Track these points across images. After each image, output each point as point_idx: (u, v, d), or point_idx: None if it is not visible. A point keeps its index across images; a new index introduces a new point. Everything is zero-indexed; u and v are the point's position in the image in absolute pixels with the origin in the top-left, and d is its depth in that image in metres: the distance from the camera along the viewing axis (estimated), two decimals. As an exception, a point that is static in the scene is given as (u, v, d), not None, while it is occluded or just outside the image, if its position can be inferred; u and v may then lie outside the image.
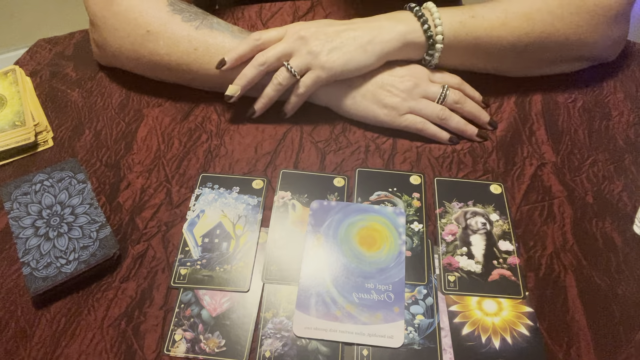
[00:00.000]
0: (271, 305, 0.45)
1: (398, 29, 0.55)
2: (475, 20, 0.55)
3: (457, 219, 0.51)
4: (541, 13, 0.55)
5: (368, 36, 0.54)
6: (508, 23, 0.55)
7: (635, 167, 0.54)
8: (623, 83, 0.62)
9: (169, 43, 0.57)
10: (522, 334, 0.43)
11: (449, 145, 0.57)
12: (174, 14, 0.58)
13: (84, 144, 0.58)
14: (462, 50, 0.56)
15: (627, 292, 0.45)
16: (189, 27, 0.57)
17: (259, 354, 0.43)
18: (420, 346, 0.43)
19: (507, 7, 0.56)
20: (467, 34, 0.55)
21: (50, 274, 0.45)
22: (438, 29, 0.54)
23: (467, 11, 0.56)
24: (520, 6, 0.56)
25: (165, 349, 0.43)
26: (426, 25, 0.54)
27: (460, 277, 0.47)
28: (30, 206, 0.50)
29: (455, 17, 0.55)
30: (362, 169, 0.55)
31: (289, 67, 0.55)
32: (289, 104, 0.58)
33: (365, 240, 0.49)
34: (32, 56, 0.68)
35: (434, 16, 0.55)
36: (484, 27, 0.55)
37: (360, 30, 0.55)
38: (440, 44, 0.55)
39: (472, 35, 0.55)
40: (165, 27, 0.57)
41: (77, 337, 0.44)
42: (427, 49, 0.56)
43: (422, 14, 0.55)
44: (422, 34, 0.55)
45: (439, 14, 0.55)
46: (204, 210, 0.52)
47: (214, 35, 0.57)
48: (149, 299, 0.46)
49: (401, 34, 0.55)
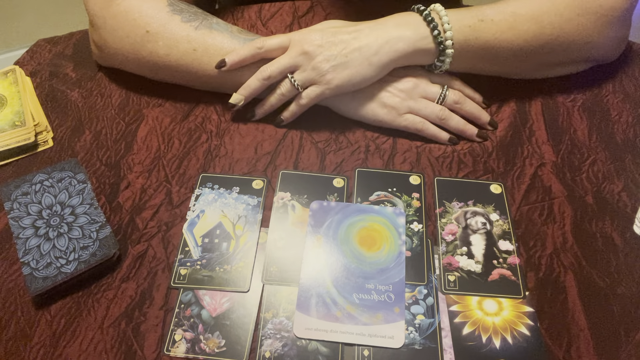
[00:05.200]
0: (271, 305, 0.45)
1: (407, 36, 0.53)
2: (485, 25, 0.54)
3: (457, 218, 0.51)
4: (549, 15, 0.54)
5: (375, 46, 0.53)
6: (517, 27, 0.54)
7: (635, 167, 0.54)
8: (623, 83, 0.62)
9: (168, 43, 0.57)
10: (523, 333, 0.43)
11: (449, 145, 0.57)
12: (173, 15, 0.58)
13: (84, 144, 0.58)
14: (471, 55, 0.55)
15: (627, 292, 0.45)
16: (189, 27, 0.57)
17: (259, 354, 0.43)
18: (421, 346, 0.43)
19: (515, 9, 0.55)
20: (477, 38, 0.54)
21: (50, 274, 0.45)
22: (448, 34, 0.53)
23: (475, 14, 0.55)
24: (528, 8, 0.55)
25: (165, 349, 0.43)
26: (436, 31, 0.53)
27: (460, 276, 0.47)
28: (30, 206, 0.50)
29: (465, 21, 0.54)
30: (362, 169, 0.55)
31: (293, 81, 0.54)
32: (288, 112, 0.57)
33: (365, 241, 0.49)
34: (32, 56, 0.68)
35: (443, 20, 0.53)
36: (493, 32, 0.54)
37: (367, 38, 0.53)
38: (451, 49, 0.54)
39: (481, 39, 0.54)
40: (165, 27, 0.57)
41: (77, 337, 0.44)
42: (438, 55, 0.55)
43: (432, 18, 0.53)
44: (432, 41, 0.53)
45: (447, 17, 0.53)
46: (204, 210, 0.52)
47: (213, 35, 0.57)
48: (149, 299, 0.46)
49: (410, 43, 0.53)
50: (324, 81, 0.54)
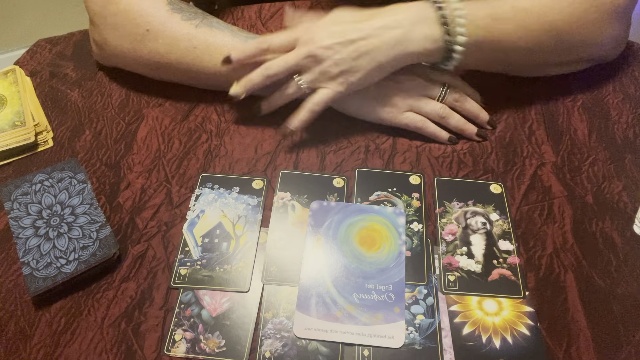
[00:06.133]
0: (271, 305, 0.45)
1: (419, 37, 0.51)
2: (498, 24, 0.52)
3: (457, 218, 0.51)
4: (562, 14, 0.53)
5: (385, 49, 0.51)
6: (528, 26, 0.53)
7: (635, 167, 0.54)
8: (623, 83, 0.62)
9: (168, 42, 0.57)
10: (523, 333, 0.43)
11: (449, 145, 0.57)
12: (173, 13, 0.57)
13: (84, 144, 0.58)
14: (479, 55, 0.54)
15: (627, 292, 0.45)
16: (189, 25, 0.57)
17: (259, 354, 0.43)
18: (421, 346, 0.43)
19: (526, 6, 0.53)
20: (489, 39, 0.53)
21: (50, 274, 0.45)
22: (459, 38, 0.51)
23: (489, 12, 0.52)
24: (539, 7, 0.53)
25: (165, 349, 0.43)
26: (448, 36, 0.51)
27: (460, 276, 0.47)
28: (30, 206, 0.50)
29: (478, 22, 0.52)
30: (362, 169, 0.55)
31: (301, 83, 0.54)
32: (299, 121, 0.55)
33: (365, 241, 0.49)
34: (32, 56, 0.68)
35: (457, 22, 0.51)
36: (506, 32, 0.53)
37: (378, 40, 0.51)
38: (460, 54, 0.52)
39: (493, 40, 0.53)
40: (165, 25, 0.57)
41: (77, 337, 0.44)
42: (446, 56, 0.53)
43: (447, 20, 0.51)
44: (443, 44, 0.52)
45: (462, 20, 0.51)
46: (203, 210, 0.52)
47: (213, 33, 0.57)
48: (149, 299, 0.46)
49: (421, 45, 0.52)
50: (332, 85, 0.53)
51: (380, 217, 0.51)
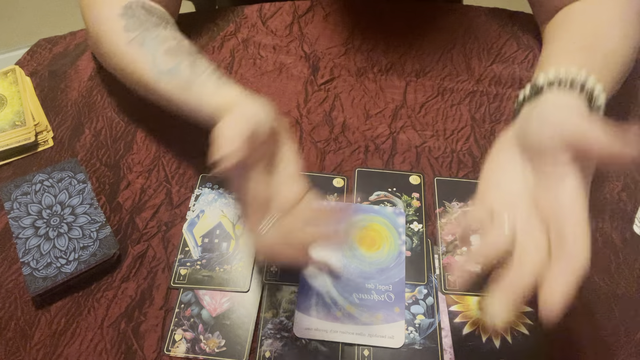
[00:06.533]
0: (271, 305, 0.45)
1: None
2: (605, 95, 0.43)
3: (457, 218, 0.51)
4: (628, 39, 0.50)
5: None
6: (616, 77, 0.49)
7: (635, 167, 0.54)
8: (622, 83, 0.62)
9: (105, 51, 0.52)
10: (523, 333, 0.43)
11: (449, 145, 0.57)
12: (119, 19, 0.50)
13: (84, 144, 0.58)
14: None
15: (627, 292, 0.45)
16: (123, 39, 0.49)
17: (259, 354, 0.43)
18: (421, 346, 0.43)
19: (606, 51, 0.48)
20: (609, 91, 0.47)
21: (50, 274, 0.45)
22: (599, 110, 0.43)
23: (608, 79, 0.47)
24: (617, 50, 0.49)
25: (165, 349, 0.43)
26: None
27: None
28: (30, 206, 0.50)
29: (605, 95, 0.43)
30: (362, 169, 0.55)
31: None
32: None
33: (365, 241, 0.49)
34: (32, 56, 0.68)
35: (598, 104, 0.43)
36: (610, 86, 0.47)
37: None
38: None
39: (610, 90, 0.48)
40: (106, 34, 0.51)
41: (77, 337, 0.44)
42: None
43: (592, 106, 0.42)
44: None
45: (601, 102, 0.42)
46: (203, 210, 0.52)
47: (136, 56, 0.48)
48: (149, 299, 0.46)
49: None
50: None
51: (380, 217, 0.51)
